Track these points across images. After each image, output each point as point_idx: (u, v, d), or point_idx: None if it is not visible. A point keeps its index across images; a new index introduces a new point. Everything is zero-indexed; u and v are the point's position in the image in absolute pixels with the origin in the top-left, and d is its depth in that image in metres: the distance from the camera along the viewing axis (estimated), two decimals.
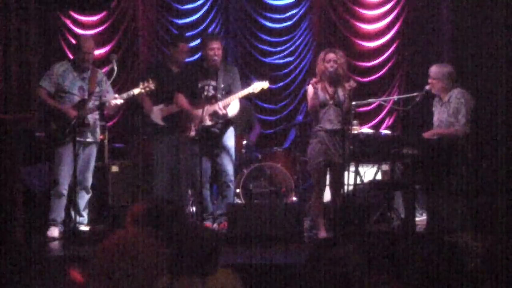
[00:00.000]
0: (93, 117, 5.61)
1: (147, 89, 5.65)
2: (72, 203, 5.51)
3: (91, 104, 5.53)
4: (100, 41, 7.47)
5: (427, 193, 5.40)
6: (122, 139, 7.06)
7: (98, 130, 5.75)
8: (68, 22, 7.41)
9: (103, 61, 7.21)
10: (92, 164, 5.69)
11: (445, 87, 5.41)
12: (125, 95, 5.60)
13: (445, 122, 5.37)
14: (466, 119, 5.27)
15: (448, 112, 5.35)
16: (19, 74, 5.00)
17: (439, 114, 5.44)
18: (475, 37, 6.56)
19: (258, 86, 5.70)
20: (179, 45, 6.13)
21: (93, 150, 5.67)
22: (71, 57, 6.29)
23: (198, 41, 7.36)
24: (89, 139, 5.59)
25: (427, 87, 5.47)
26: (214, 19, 7.66)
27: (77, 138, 5.40)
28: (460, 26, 6.83)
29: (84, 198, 5.62)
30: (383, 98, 6.94)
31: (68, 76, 5.57)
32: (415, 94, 5.62)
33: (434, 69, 5.49)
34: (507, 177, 5.82)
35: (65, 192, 5.53)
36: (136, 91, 5.62)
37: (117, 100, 5.55)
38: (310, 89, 5.49)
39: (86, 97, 5.55)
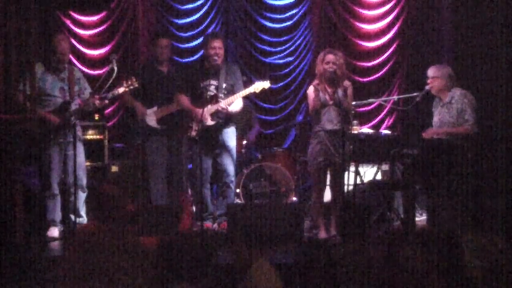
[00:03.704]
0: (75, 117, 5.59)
1: (131, 87, 5.61)
2: (67, 202, 5.53)
3: (73, 105, 5.52)
4: (100, 41, 7.48)
5: (427, 193, 5.41)
6: (122, 139, 7.05)
7: (79, 127, 5.70)
8: (68, 22, 7.40)
9: (103, 61, 7.23)
10: (82, 162, 5.66)
11: (444, 87, 5.41)
12: (109, 95, 5.58)
13: (447, 123, 5.36)
14: (474, 118, 5.27)
15: (450, 113, 5.34)
16: (19, 74, 5.00)
17: (440, 115, 5.44)
18: (475, 37, 6.56)
19: (259, 86, 5.69)
20: (157, 41, 6.03)
21: (78, 148, 5.54)
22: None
23: (198, 41, 7.40)
24: (71, 139, 5.49)
25: (427, 87, 5.47)
26: (214, 19, 7.66)
27: (60, 140, 5.41)
28: (460, 26, 6.82)
29: (80, 198, 5.61)
30: (383, 98, 6.94)
31: (47, 79, 5.54)
32: (415, 94, 5.62)
33: (432, 70, 5.49)
34: (507, 177, 5.82)
35: (57, 192, 5.53)
36: (120, 90, 5.58)
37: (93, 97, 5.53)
38: (311, 90, 5.49)
39: (68, 97, 5.54)
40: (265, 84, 5.70)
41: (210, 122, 5.69)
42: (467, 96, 5.34)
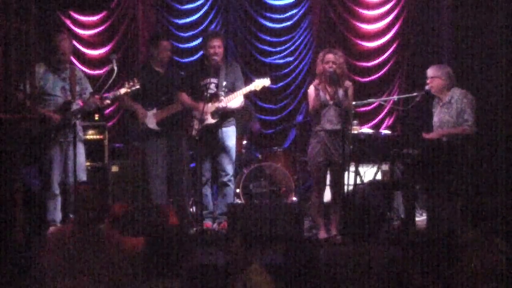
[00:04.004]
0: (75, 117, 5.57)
1: (133, 88, 5.58)
2: (67, 202, 5.53)
3: (75, 105, 5.52)
4: (100, 41, 7.48)
5: (427, 193, 5.41)
6: (122, 139, 7.05)
7: (80, 127, 5.69)
8: (68, 22, 7.40)
9: (103, 61, 7.23)
10: (82, 162, 5.63)
11: (444, 87, 5.41)
12: (111, 96, 5.57)
13: (447, 123, 5.35)
14: (473, 118, 5.28)
15: (450, 113, 5.34)
16: (19, 74, 4.98)
17: (440, 115, 5.44)
18: (475, 37, 6.56)
19: (260, 83, 5.70)
20: (160, 43, 5.97)
21: (79, 148, 5.50)
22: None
23: (198, 41, 7.40)
24: (72, 139, 5.44)
25: (427, 87, 5.47)
26: (214, 19, 7.66)
27: (61, 140, 5.41)
28: (460, 26, 6.82)
29: None
30: (383, 98, 6.94)
31: (48, 78, 5.51)
32: (415, 94, 5.62)
33: (432, 70, 5.50)
34: (507, 177, 5.83)
35: (57, 192, 5.53)
36: (122, 90, 5.56)
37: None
38: (311, 90, 5.49)
39: (69, 97, 5.53)
40: (266, 82, 5.70)
41: (211, 120, 5.69)
42: (467, 96, 5.34)
